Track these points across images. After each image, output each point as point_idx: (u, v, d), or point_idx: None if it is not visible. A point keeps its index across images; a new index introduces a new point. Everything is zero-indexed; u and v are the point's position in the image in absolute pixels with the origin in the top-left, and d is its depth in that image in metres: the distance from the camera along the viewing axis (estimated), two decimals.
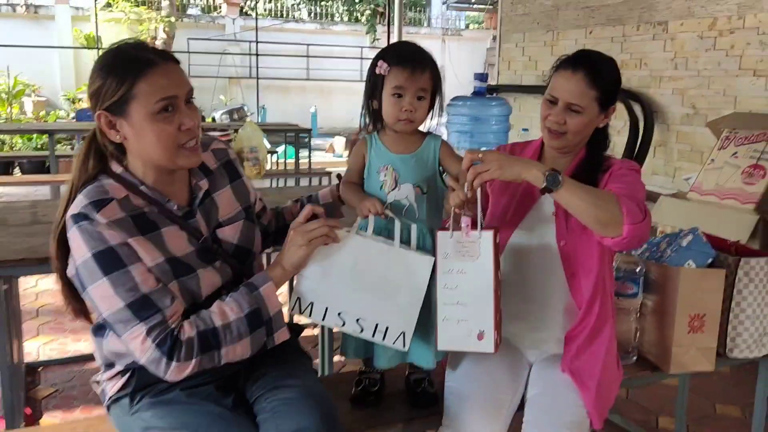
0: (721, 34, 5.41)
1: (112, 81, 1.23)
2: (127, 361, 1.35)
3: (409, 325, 1.39)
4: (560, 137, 1.58)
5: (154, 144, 1.25)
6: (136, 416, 1.33)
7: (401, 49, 1.52)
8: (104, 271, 1.21)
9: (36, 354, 3.08)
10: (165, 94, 1.24)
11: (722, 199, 4.42)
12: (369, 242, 1.40)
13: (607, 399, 1.57)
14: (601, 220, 1.38)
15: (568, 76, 1.55)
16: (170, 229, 1.32)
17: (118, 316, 1.22)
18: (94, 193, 1.25)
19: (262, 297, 1.31)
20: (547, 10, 7.30)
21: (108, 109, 1.25)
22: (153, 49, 1.29)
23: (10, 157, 7.94)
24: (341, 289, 1.39)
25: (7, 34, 11.55)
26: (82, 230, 1.21)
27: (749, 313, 1.88)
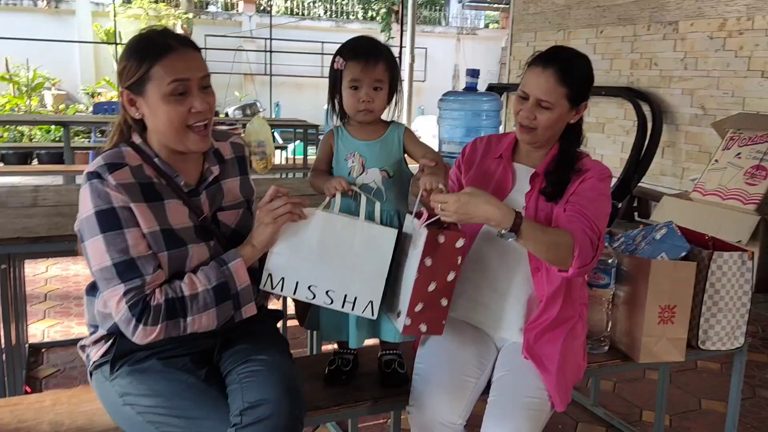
0: (731, 34, 5.40)
1: (133, 63, 1.34)
2: (110, 325, 1.42)
3: (376, 295, 1.45)
4: (530, 132, 1.62)
5: (165, 123, 1.34)
6: (114, 382, 1.41)
7: (355, 44, 1.58)
8: (101, 228, 1.30)
9: (41, 336, 3.19)
10: (177, 77, 1.32)
11: (724, 200, 4.42)
12: (335, 217, 1.46)
13: (569, 383, 1.61)
14: (552, 262, 1.51)
15: (539, 73, 1.60)
16: (173, 202, 1.40)
17: (104, 273, 1.31)
18: (110, 157, 1.35)
19: (230, 271, 1.38)
20: (559, 9, 7.30)
21: (129, 88, 1.36)
22: (174, 35, 1.38)
23: (28, 148, 8.13)
24: (310, 263, 1.44)
25: (28, 28, 11.76)
26: (92, 187, 1.32)
27: (722, 306, 1.91)
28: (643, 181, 6.03)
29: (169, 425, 1.33)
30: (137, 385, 1.38)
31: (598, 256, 1.52)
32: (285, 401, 1.28)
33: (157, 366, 1.39)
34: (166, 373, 1.38)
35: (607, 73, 6.66)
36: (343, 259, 1.44)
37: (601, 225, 1.54)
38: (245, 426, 1.25)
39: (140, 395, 1.37)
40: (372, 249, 1.44)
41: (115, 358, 1.42)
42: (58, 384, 2.73)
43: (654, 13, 6.12)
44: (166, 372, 1.38)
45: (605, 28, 6.68)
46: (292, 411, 1.28)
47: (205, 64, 1.40)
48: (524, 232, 1.44)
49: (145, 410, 1.35)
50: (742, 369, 2.05)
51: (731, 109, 5.31)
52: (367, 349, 1.78)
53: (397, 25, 12.47)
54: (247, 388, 1.31)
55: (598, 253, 1.52)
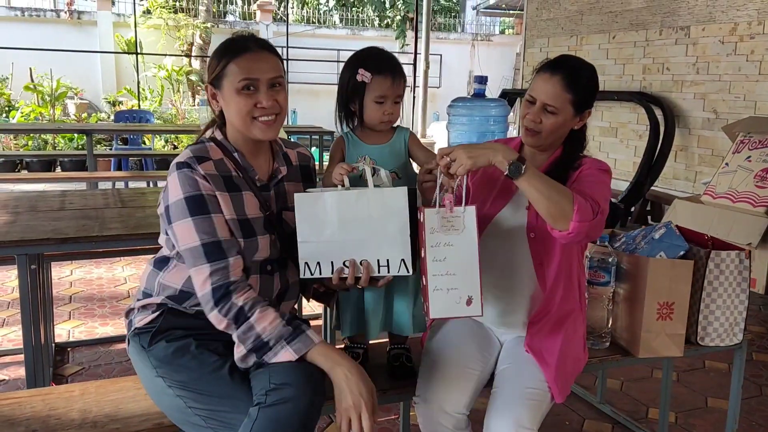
0: (742, 39, 5.43)
1: (215, 61, 1.53)
2: (164, 297, 1.56)
3: (405, 251, 1.50)
4: (535, 135, 1.70)
5: (235, 114, 1.50)
6: (150, 353, 1.53)
7: (378, 59, 1.67)
8: (191, 212, 1.45)
9: (67, 336, 3.31)
10: (247, 75, 1.48)
11: (735, 202, 4.46)
12: (346, 193, 1.53)
13: (569, 376, 1.69)
14: (552, 214, 1.52)
15: (547, 79, 1.68)
16: (248, 194, 1.55)
17: (192, 252, 1.44)
18: (197, 151, 1.51)
19: (277, 350, 1.42)
20: (572, 15, 7.36)
21: (211, 83, 1.54)
22: (255, 39, 1.55)
23: (52, 156, 8.34)
24: (336, 241, 1.52)
25: (51, 39, 12.03)
26: (182, 175, 1.46)
27: (719, 303, 1.97)
28: (656, 185, 6.06)
29: (195, 401, 1.43)
30: (171, 360, 1.49)
31: (599, 222, 1.53)
32: (308, 387, 1.36)
33: (191, 345, 1.50)
34: (198, 353, 1.49)
35: (619, 78, 6.71)
36: (365, 228, 1.50)
37: (601, 202, 1.56)
38: (268, 405, 1.33)
39: (173, 370, 1.48)
40: (388, 210, 1.49)
41: (158, 331, 1.54)
42: (84, 380, 2.84)
43: (666, 18, 6.16)
44: (199, 353, 1.49)
45: (617, 34, 6.73)
46: (313, 398, 1.36)
47: (279, 66, 1.55)
48: (528, 172, 1.50)
49: (175, 384, 1.46)
50: (742, 365, 2.11)
51: (743, 113, 5.33)
52: (377, 345, 1.87)
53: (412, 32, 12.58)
54: (275, 372, 1.39)
55: (599, 218, 1.52)
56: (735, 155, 4.68)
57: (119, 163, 7.28)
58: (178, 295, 1.56)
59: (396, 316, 1.71)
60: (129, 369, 2.91)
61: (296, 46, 12.69)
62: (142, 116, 7.84)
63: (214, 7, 15.16)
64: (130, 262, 4.50)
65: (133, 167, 7.79)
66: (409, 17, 16.22)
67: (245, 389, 1.41)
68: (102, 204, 2.53)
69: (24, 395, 1.64)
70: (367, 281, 1.51)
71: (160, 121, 10.33)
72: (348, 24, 17.53)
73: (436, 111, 14.34)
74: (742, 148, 4.66)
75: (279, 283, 1.61)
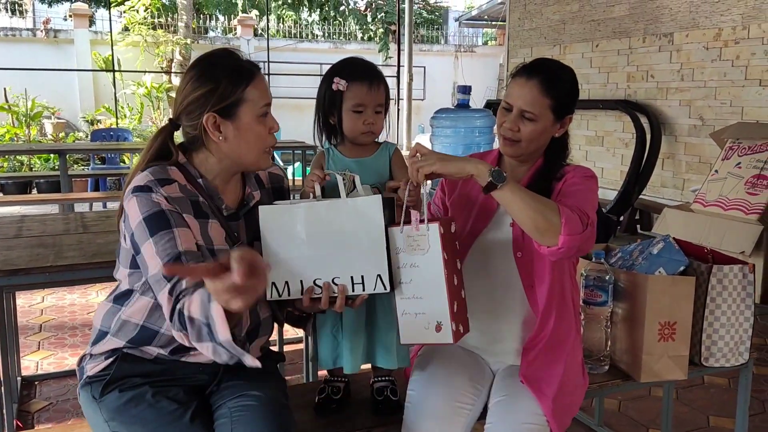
0: (726, 44, 5.38)
1: (228, 85, 1.34)
2: (123, 340, 1.39)
3: (381, 266, 1.36)
4: (514, 145, 1.58)
5: (253, 144, 1.38)
6: (102, 404, 1.37)
7: (356, 67, 1.56)
8: (150, 231, 1.28)
9: (35, 368, 3.13)
10: (267, 100, 1.39)
11: (726, 210, 4.37)
12: (316, 204, 1.39)
13: (567, 407, 1.55)
14: (539, 227, 1.38)
15: (523, 83, 1.56)
16: (214, 223, 1.40)
17: (155, 277, 1.28)
18: (158, 173, 1.35)
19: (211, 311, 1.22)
20: (554, 25, 7.31)
21: (218, 111, 1.35)
22: (247, 59, 1.41)
23: (28, 177, 8.13)
24: (306, 258, 1.37)
25: (27, 58, 11.84)
26: (139, 198, 1.30)
27: (723, 321, 1.85)
28: (644, 194, 5.98)
29: None
30: (124, 410, 1.35)
31: (589, 235, 1.41)
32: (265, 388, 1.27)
33: (147, 393, 1.35)
34: (154, 402, 1.34)
35: (604, 87, 6.65)
36: (337, 242, 1.36)
37: (590, 212, 1.44)
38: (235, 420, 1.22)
39: (126, 423, 1.34)
40: (362, 221, 1.35)
41: (111, 380, 1.39)
42: (50, 418, 2.67)
43: (648, 25, 6.12)
44: (155, 401, 1.34)
45: (600, 42, 6.68)
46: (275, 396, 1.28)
47: None
48: (510, 183, 1.37)
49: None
50: (749, 385, 1.99)
51: (730, 119, 5.27)
52: (359, 376, 1.72)
53: (395, 45, 12.53)
54: (237, 422, 1.27)
55: (589, 231, 1.40)
56: (724, 162, 4.60)
57: (96, 183, 7.09)
58: (138, 335, 1.40)
59: (378, 347, 1.57)
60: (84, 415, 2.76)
61: (278, 60, 12.59)
62: (120, 134, 7.67)
63: (194, 23, 15.03)
64: (104, 287, 4.32)
65: (111, 187, 7.60)
66: (391, 30, 16.20)
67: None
68: (61, 230, 2.37)
69: None
70: (342, 305, 1.37)
71: (139, 138, 10.13)
72: (330, 38, 17.47)
73: (421, 123, 14.26)
74: (731, 155, 4.58)
75: (248, 320, 1.45)
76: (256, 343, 1.49)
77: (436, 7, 20.88)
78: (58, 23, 14.74)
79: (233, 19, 16.19)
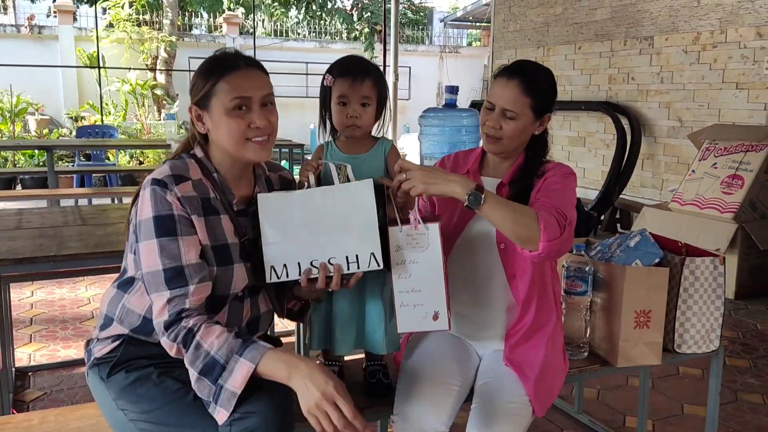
0: (705, 48, 5.53)
1: (201, 80, 1.44)
2: (127, 327, 1.47)
3: (374, 245, 1.43)
4: (496, 142, 1.67)
5: (227, 135, 1.42)
6: (109, 384, 1.44)
7: (345, 62, 1.65)
8: (158, 233, 1.36)
9: (28, 360, 3.18)
10: (239, 94, 1.41)
11: (702, 209, 4.51)
12: (311, 191, 1.49)
13: (549, 389, 1.65)
14: (521, 236, 1.48)
15: (504, 83, 1.66)
16: (225, 217, 1.46)
17: (153, 276, 1.36)
18: (176, 168, 1.42)
19: (233, 365, 1.30)
20: (538, 27, 7.44)
21: (196, 104, 1.45)
22: (243, 57, 1.47)
23: (12, 173, 8.10)
24: (303, 241, 1.46)
25: (11, 54, 11.77)
26: (154, 193, 1.37)
27: (695, 310, 1.96)
28: (625, 193, 6.12)
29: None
30: (131, 390, 1.41)
31: (567, 237, 1.51)
32: (274, 415, 1.29)
33: (153, 374, 1.42)
34: (159, 382, 1.41)
35: (586, 88, 6.78)
36: (331, 225, 1.45)
37: (567, 212, 1.54)
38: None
39: (133, 401, 1.40)
40: (354, 204, 1.44)
41: (118, 362, 1.46)
42: (45, 407, 2.71)
43: (630, 28, 6.26)
44: (160, 381, 1.41)
45: (583, 44, 6.82)
46: (281, 425, 1.29)
47: (269, 83, 1.48)
48: (488, 199, 1.46)
49: (137, 417, 1.38)
50: (719, 371, 2.10)
51: (707, 121, 5.42)
52: (353, 362, 1.81)
53: (380, 45, 12.61)
54: (239, 400, 1.31)
55: (566, 233, 1.50)
56: (701, 162, 4.74)
57: (82, 179, 7.10)
58: (141, 325, 1.47)
59: (368, 333, 1.65)
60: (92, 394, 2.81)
61: (264, 59, 12.59)
62: (105, 131, 7.68)
63: (179, 20, 15.00)
64: (93, 282, 4.36)
65: (96, 183, 7.60)
66: (377, 30, 16.28)
67: (211, 417, 1.33)
68: (61, 222, 2.43)
69: None
70: (338, 283, 1.45)
71: (124, 136, 10.14)
72: (316, 37, 17.51)
73: (407, 123, 14.36)
74: (708, 155, 4.73)
75: (249, 311, 1.53)
76: (255, 336, 1.55)
77: (421, 7, 20.99)
78: (42, 19, 14.64)
79: (219, 17, 16.17)
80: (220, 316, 1.45)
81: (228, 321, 1.47)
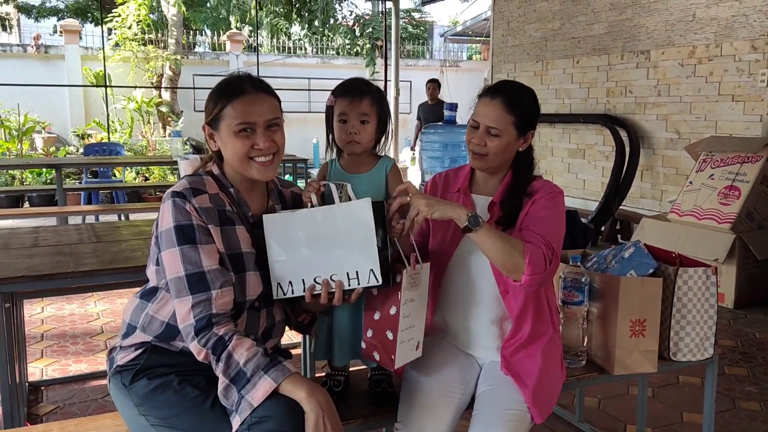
0: (701, 61, 5.62)
1: (212, 103, 1.55)
2: (150, 335, 1.55)
3: (373, 262, 1.50)
4: (482, 158, 1.75)
5: (232, 155, 1.53)
6: (131, 391, 1.52)
7: (346, 83, 1.75)
8: (179, 241, 1.45)
9: (40, 374, 3.25)
10: (244, 120, 1.51)
11: (700, 219, 4.58)
12: (313, 211, 1.57)
13: (547, 397, 1.71)
14: (507, 267, 1.60)
15: (487, 102, 1.74)
16: (241, 228, 1.56)
17: (176, 282, 1.45)
18: (194, 183, 1.54)
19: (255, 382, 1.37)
20: (536, 42, 7.56)
21: (209, 124, 1.57)
22: (252, 80, 1.57)
23: (20, 191, 8.20)
24: (306, 259, 1.54)
25: (18, 73, 11.92)
26: (175, 204, 1.48)
27: (690, 319, 2.02)
28: (624, 204, 6.19)
29: None
30: (152, 396, 1.49)
31: (551, 269, 1.61)
32: (290, 420, 1.35)
33: (174, 381, 1.50)
34: (180, 389, 1.48)
35: (584, 101, 6.88)
36: (333, 243, 1.53)
37: (554, 241, 1.63)
38: None
39: (154, 407, 1.48)
40: (353, 222, 1.52)
41: (140, 369, 1.53)
42: (59, 420, 2.78)
43: (627, 43, 6.36)
44: (180, 388, 1.48)
45: (581, 58, 6.92)
46: (296, 429, 1.35)
47: (276, 106, 1.58)
48: (483, 228, 1.57)
49: (158, 422, 1.46)
50: (714, 378, 2.16)
51: (704, 133, 5.50)
52: (358, 371, 1.89)
53: (381, 60, 12.75)
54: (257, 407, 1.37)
55: (552, 266, 1.61)
56: (698, 174, 4.82)
57: (89, 196, 7.20)
58: (164, 332, 1.55)
59: None
60: (105, 406, 2.87)
61: (267, 75, 12.75)
62: (112, 149, 7.78)
63: (184, 39, 15.18)
64: (102, 297, 4.44)
65: (103, 200, 7.70)
66: (378, 45, 16.45)
67: (229, 423, 1.40)
68: (76, 239, 2.52)
69: None
70: (340, 299, 1.53)
71: (130, 153, 10.25)
72: (318, 53, 17.69)
73: (408, 136, 14.47)
74: (705, 167, 4.80)
75: (265, 321, 1.61)
76: (269, 343, 1.64)
77: (422, 22, 21.20)
78: (48, 39, 14.82)
79: (223, 35, 16.35)
80: (239, 324, 1.53)
81: (246, 330, 1.55)
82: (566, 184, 7.23)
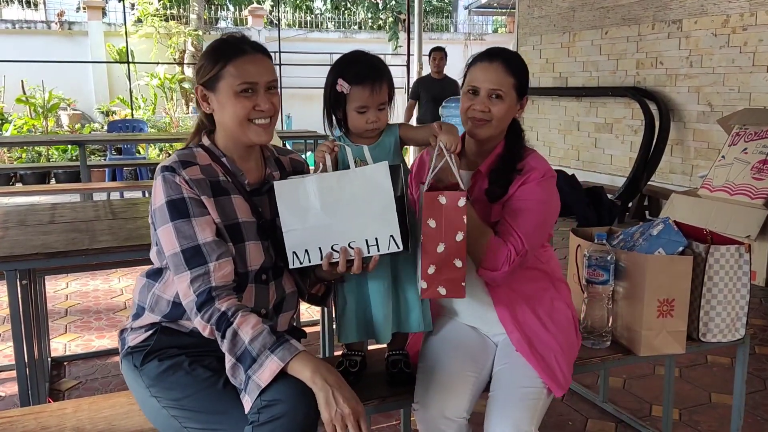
0: (735, 31, 5.42)
1: (209, 63, 1.48)
2: (158, 315, 1.52)
3: (393, 227, 1.45)
4: (485, 125, 1.68)
5: (232, 116, 1.47)
6: (143, 372, 1.50)
7: (357, 68, 1.61)
8: (172, 216, 1.42)
9: (63, 350, 3.28)
10: (247, 79, 1.46)
11: (732, 195, 4.44)
12: (327, 175, 1.49)
13: (565, 365, 1.65)
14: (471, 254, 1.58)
15: (486, 66, 1.68)
16: (238, 198, 1.51)
17: (173, 259, 1.42)
18: (183, 156, 1.49)
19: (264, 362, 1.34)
20: (563, 12, 7.35)
21: (203, 84, 1.50)
22: (249, 41, 1.52)
23: (46, 168, 8.30)
24: (322, 226, 1.47)
25: (42, 50, 12.00)
26: (165, 179, 1.44)
27: (720, 298, 1.94)
28: (653, 180, 6.04)
29: (191, 420, 1.41)
30: (164, 377, 1.46)
31: (513, 267, 1.59)
32: (301, 402, 1.32)
33: (184, 362, 1.47)
34: (191, 369, 1.45)
35: (613, 74, 6.69)
36: (350, 209, 1.46)
37: (530, 236, 1.60)
38: (262, 424, 1.30)
39: (165, 389, 1.45)
40: (371, 187, 1.45)
41: (151, 350, 1.51)
42: (80, 395, 2.80)
43: (658, 12, 6.15)
44: (191, 369, 1.45)
45: (610, 29, 6.72)
46: (308, 412, 1.32)
47: (273, 69, 1.53)
48: None
49: (169, 404, 1.44)
50: (746, 360, 2.08)
51: (738, 105, 5.32)
52: (375, 352, 1.84)
53: (404, 34, 12.57)
54: (266, 388, 1.34)
55: (511, 266, 1.59)
56: (731, 147, 4.66)
57: (114, 173, 7.24)
58: (171, 311, 1.52)
59: (405, 313, 1.64)
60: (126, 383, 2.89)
61: (289, 50, 12.67)
62: (135, 125, 7.81)
63: (206, 14, 15.13)
64: (126, 273, 4.47)
65: (127, 177, 7.75)
66: (401, 18, 16.22)
67: (240, 404, 1.37)
68: (92, 216, 2.51)
69: (16, 414, 1.61)
70: (359, 266, 1.47)
71: (153, 129, 10.30)
72: (340, 27, 17.52)
73: None
74: (738, 140, 4.64)
75: (275, 293, 1.57)
76: (281, 317, 1.60)
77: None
78: (72, 15, 14.88)
79: (244, 9, 16.26)
80: (248, 299, 1.49)
81: (256, 304, 1.51)
82: (593, 159, 7.08)
